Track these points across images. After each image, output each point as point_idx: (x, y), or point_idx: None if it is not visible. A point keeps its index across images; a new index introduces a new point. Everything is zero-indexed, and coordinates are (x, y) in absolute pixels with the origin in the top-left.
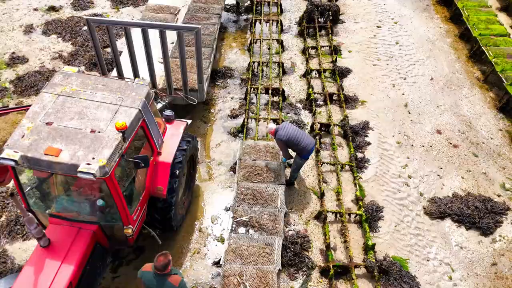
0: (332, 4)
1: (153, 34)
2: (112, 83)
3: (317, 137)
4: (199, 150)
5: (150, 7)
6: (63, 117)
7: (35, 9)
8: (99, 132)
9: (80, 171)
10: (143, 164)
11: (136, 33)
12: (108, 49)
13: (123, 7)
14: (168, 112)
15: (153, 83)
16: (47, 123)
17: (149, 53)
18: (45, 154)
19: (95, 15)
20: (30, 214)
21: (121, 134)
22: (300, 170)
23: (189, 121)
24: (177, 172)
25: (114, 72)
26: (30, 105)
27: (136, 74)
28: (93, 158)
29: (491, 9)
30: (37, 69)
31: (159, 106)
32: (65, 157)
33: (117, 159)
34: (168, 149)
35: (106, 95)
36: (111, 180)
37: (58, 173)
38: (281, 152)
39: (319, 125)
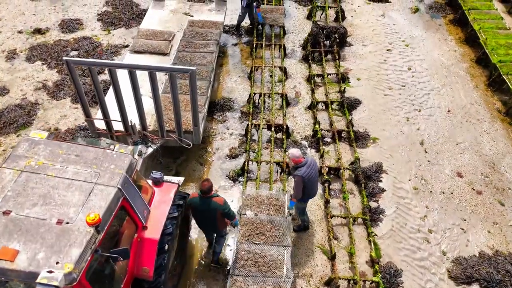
0: (339, 26)
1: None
2: (88, 152)
3: (325, 184)
4: None
5: (142, 33)
6: (25, 202)
7: (20, 32)
8: (68, 223)
9: (39, 283)
10: (122, 258)
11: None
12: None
13: (114, 29)
14: (156, 174)
15: (143, 126)
16: (4, 212)
17: (137, 96)
18: None
19: (84, 38)
20: None
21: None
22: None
23: (181, 180)
24: (166, 247)
25: (99, 113)
26: None
27: (123, 117)
28: (57, 263)
29: (510, 31)
30: (18, 102)
31: (149, 150)
32: (22, 262)
33: (89, 257)
34: (156, 220)
35: (79, 170)
36: (81, 285)
37: (13, 280)
38: (287, 200)
39: (327, 168)
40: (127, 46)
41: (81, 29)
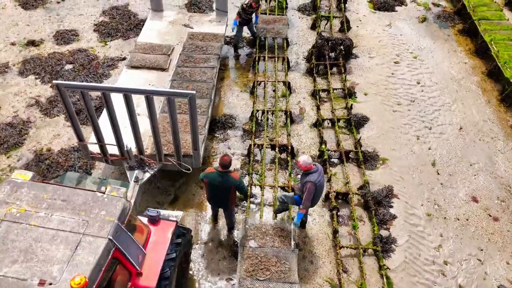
0: (345, 37)
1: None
2: (76, 196)
3: (334, 211)
4: (193, 228)
5: (140, 47)
6: (4, 259)
7: (13, 44)
8: (51, 283)
9: None
10: None
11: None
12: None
13: (111, 40)
14: (152, 212)
15: (140, 149)
16: None
17: (134, 119)
18: None
19: (80, 50)
20: None
21: None
22: (315, 252)
23: (180, 215)
24: None
25: (93, 137)
26: None
27: (119, 141)
28: None
29: None
30: (9, 120)
31: (146, 176)
32: None
33: None
34: (152, 264)
35: (65, 218)
36: None
37: None
38: (293, 231)
39: (335, 193)
40: (124, 58)
41: (76, 41)
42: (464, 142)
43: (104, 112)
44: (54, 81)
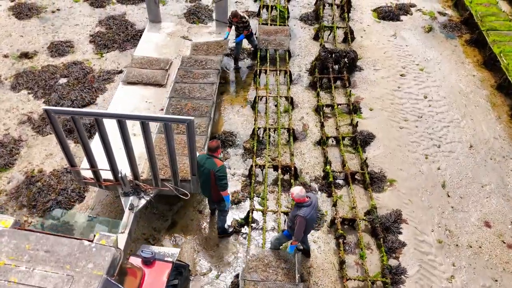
0: (349, 49)
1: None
2: (60, 246)
3: (340, 240)
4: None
5: (136, 61)
6: None
7: (5, 56)
8: None
9: None
10: None
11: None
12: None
13: (107, 52)
14: (147, 254)
15: (135, 175)
16: None
17: (128, 145)
18: None
19: (74, 63)
20: None
21: None
22: (320, 284)
23: (177, 253)
24: None
25: (85, 161)
26: None
27: (113, 166)
28: None
29: None
30: (0, 139)
31: (142, 202)
32: None
33: None
34: None
35: (48, 272)
36: None
37: None
38: (298, 263)
39: (341, 219)
40: (120, 72)
41: (71, 53)
42: (474, 162)
43: (97, 137)
44: (43, 107)
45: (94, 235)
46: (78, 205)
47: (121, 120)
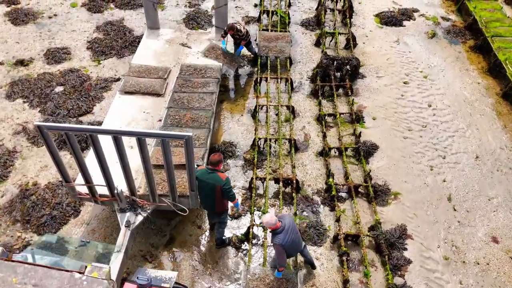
0: (351, 56)
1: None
2: (50, 279)
3: (344, 257)
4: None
5: (134, 69)
6: None
7: (1, 63)
8: None
9: None
10: None
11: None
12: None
13: (105, 59)
14: (142, 280)
15: (132, 190)
16: None
17: (124, 161)
18: None
19: (71, 71)
20: None
21: None
22: None
23: (174, 277)
24: None
25: (80, 177)
26: None
27: (108, 181)
28: None
29: None
30: None
31: (139, 219)
32: None
33: None
34: None
35: None
36: None
37: None
38: (300, 283)
39: (344, 235)
40: (118, 79)
41: (68, 60)
42: (481, 173)
43: (91, 152)
44: (35, 123)
45: (86, 266)
46: (73, 220)
47: (116, 137)
